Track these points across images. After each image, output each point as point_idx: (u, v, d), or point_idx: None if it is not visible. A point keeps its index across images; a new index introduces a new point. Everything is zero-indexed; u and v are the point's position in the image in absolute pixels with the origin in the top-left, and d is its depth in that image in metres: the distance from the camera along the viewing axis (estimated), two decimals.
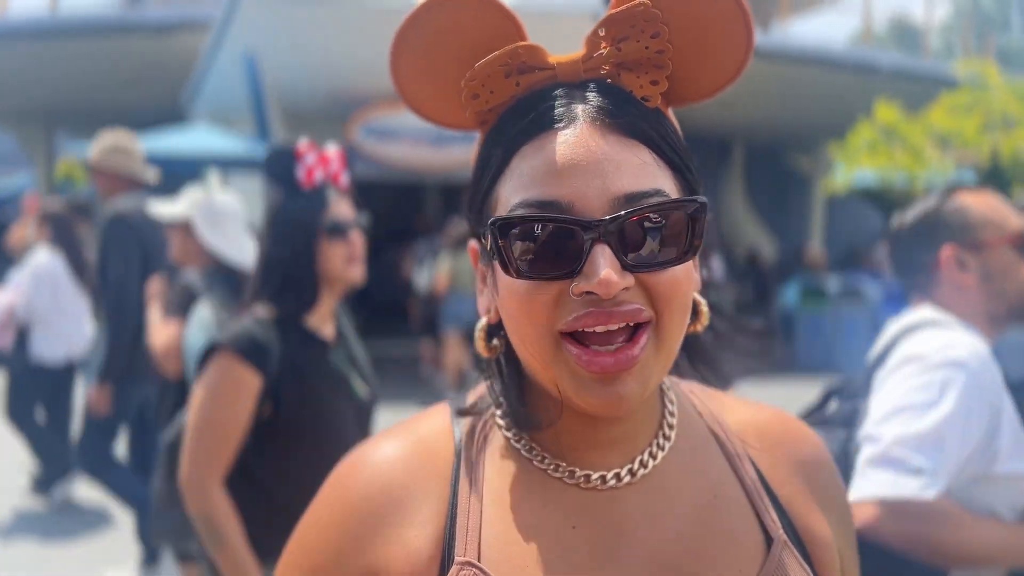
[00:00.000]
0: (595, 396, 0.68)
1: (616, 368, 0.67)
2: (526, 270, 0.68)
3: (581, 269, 0.66)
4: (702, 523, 0.76)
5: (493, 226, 0.68)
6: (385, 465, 0.77)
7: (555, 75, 0.73)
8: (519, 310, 0.69)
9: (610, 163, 0.68)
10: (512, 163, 0.71)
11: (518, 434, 0.78)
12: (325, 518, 0.77)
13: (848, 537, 0.85)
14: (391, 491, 0.76)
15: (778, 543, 0.76)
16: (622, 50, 0.71)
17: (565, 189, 0.68)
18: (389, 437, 0.81)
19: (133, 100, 13.69)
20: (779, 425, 0.86)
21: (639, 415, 0.78)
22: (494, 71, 0.72)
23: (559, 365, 0.69)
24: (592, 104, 0.71)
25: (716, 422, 0.85)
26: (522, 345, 0.72)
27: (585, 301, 0.67)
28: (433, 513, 0.74)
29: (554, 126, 0.70)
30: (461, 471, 0.76)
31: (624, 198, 0.67)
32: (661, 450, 0.79)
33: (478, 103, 0.73)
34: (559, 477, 0.76)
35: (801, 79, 13.47)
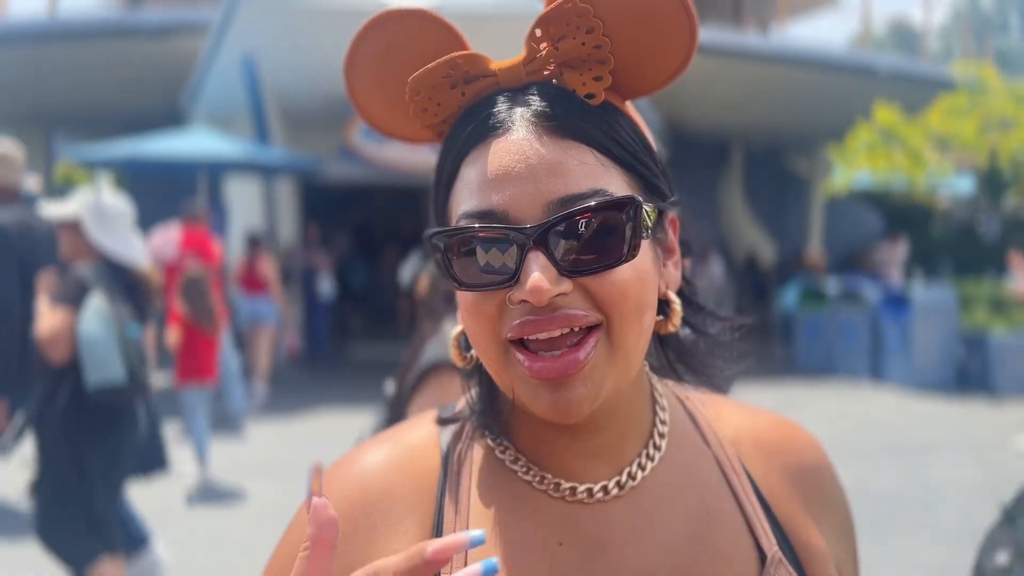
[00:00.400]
0: (545, 402, 0.67)
1: (560, 373, 0.66)
2: (467, 281, 0.68)
3: (518, 277, 0.66)
4: (693, 539, 0.74)
5: (431, 240, 0.69)
6: (370, 474, 0.76)
7: (497, 81, 0.72)
8: (469, 319, 0.70)
9: (544, 167, 0.67)
10: (460, 173, 0.72)
11: (503, 445, 0.77)
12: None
13: (847, 547, 0.83)
14: (376, 502, 0.75)
15: (772, 560, 0.74)
16: (560, 49, 0.70)
17: (500, 198, 0.67)
18: (375, 445, 0.80)
19: (132, 103, 13.70)
20: (777, 432, 0.84)
21: (622, 424, 0.76)
22: (438, 83, 0.72)
23: (510, 372, 0.69)
24: (532, 108, 0.70)
25: (711, 430, 0.82)
26: (479, 353, 0.72)
27: (523, 309, 0.67)
28: (418, 526, 0.73)
29: (493, 134, 0.70)
30: (447, 484, 0.76)
31: (558, 202, 0.66)
32: (651, 461, 0.77)
33: (427, 116, 0.73)
34: (544, 490, 0.75)
35: (800, 81, 13.48)
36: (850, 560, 0.83)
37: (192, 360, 6.09)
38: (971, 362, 9.60)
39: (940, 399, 8.93)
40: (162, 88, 12.25)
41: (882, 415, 8.38)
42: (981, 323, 9.67)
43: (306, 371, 10.58)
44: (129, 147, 9.66)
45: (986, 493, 5.76)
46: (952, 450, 6.93)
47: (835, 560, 0.80)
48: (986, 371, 9.32)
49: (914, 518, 5.17)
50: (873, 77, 12.89)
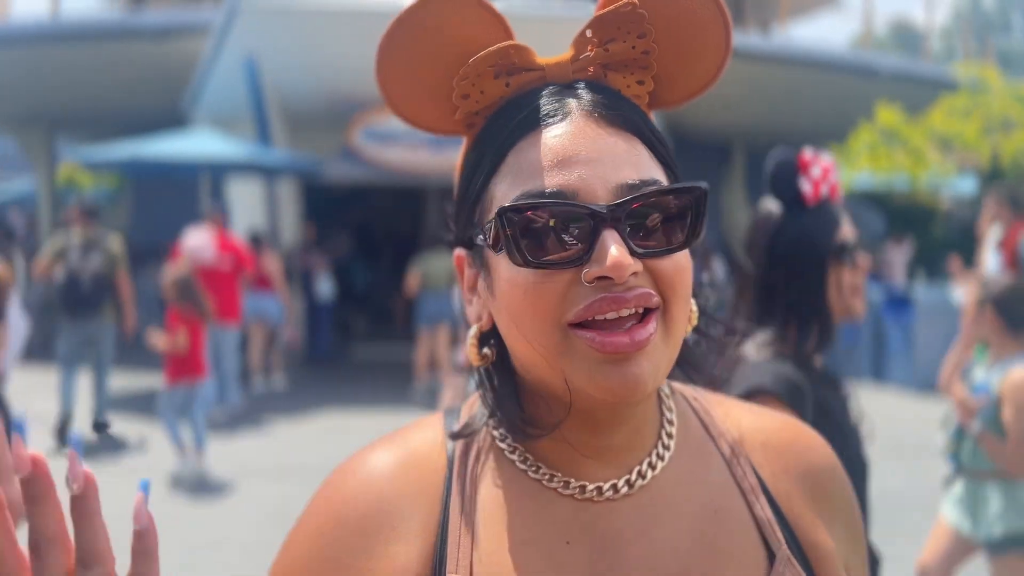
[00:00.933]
0: (610, 379, 0.66)
1: (632, 347, 0.66)
2: (535, 259, 0.67)
3: (591, 256, 0.66)
4: (701, 538, 0.74)
5: (500, 216, 0.67)
6: (375, 477, 0.76)
7: (544, 76, 0.73)
8: (525, 303, 0.68)
9: (610, 153, 0.69)
10: (507, 160, 0.71)
11: (512, 444, 0.77)
12: (312, 528, 0.76)
13: (856, 548, 0.83)
14: (380, 504, 0.74)
15: (780, 560, 0.74)
16: (609, 51, 0.72)
17: (568, 179, 0.68)
18: (380, 447, 0.80)
19: (134, 104, 13.71)
20: (785, 433, 0.84)
21: (638, 421, 0.76)
22: (484, 71, 0.72)
23: (569, 356, 0.67)
24: (584, 99, 0.72)
25: (718, 430, 0.82)
26: (525, 342, 0.70)
27: (596, 288, 0.66)
28: (423, 528, 0.73)
29: (549, 120, 0.70)
30: (453, 484, 0.75)
31: (627, 186, 0.68)
32: (660, 460, 0.77)
33: (468, 104, 0.74)
34: (554, 488, 0.74)
35: (801, 82, 13.47)
36: (859, 561, 0.83)
37: (190, 358, 6.15)
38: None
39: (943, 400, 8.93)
40: (164, 89, 12.26)
41: (884, 416, 8.37)
42: None
43: (308, 372, 10.58)
44: (131, 148, 9.68)
45: None
46: None
47: (844, 560, 0.80)
48: None
49: (916, 518, 5.16)
50: (875, 77, 12.88)
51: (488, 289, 0.74)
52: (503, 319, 0.72)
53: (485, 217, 0.72)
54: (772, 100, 14.30)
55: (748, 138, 17.58)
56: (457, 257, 0.79)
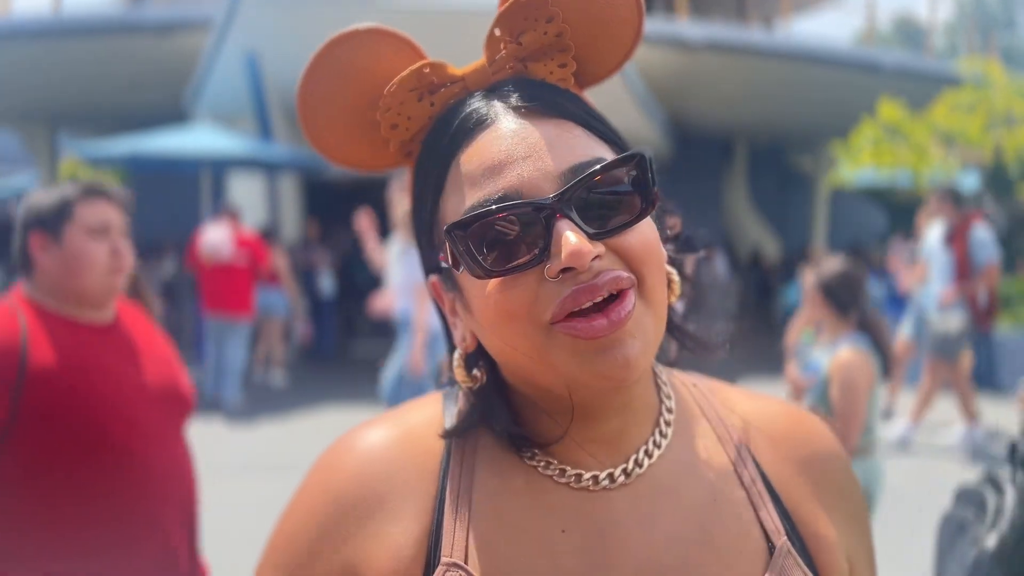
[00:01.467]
0: (600, 365, 0.65)
1: (611, 328, 0.64)
2: (495, 267, 0.66)
3: (549, 251, 0.65)
4: (699, 528, 0.72)
5: (448, 234, 0.67)
6: (371, 455, 0.76)
7: (465, 86, 0.73)
8: (498, 312, 0.67)
9: (545, 144, 0.68)
10: (448, 178, 0.71)
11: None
12: (307, 506, 0.76)
13: (860, 536, 0.81)
14: (375, 484, 0.74)
15: (780, 551, 0.73)
16: (522, 44, 0.71)
17: (510, 180, 0.67)
18: (377, 424, 0.79)
19: (135, 100, 13.70)
20: (786, 419, 0.82)
21: (634, 406, 0.75)
22: (405, 97, 0.72)
23: (554, 351, 0.66)
24: (510, 97, 0.71)
25: (718, 418, 0.81)
26: (509, 350, 0.69)
27: (564, 281, 0.65)
28: (419, 510, 0.72)
29: (479, 128, 0.70)
30: (450, 467, 0.75)
31: (569, 172, 0.67)
32: (657, 448, 0.76)
33: (399, 133, 0.73)
34: (550, 475, 0.74)
35: (804, 78, 13.44)
36: (863, 550, 0.81)
37: None
38: (976, 359, 9.57)
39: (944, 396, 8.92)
40: (166, 85, 12.26)
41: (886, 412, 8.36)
42: None
43: (310, 368, 10.59)
44: (133, 144, 9.67)
45: None
46: (956, 447, 6.92)
47: (846, 550, 0.78)
48: (991, 368, 9.30)
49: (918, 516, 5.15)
50: (878, 73, 12.85)
51: (465, 309, 0.73)
52: (485, 334, 0.71)
53: (442, 239, 0.71)
54: (774, 96, 14.28)
55: (750, 134, 17.56)
56: (432, 284, 0.78)
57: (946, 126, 10.64)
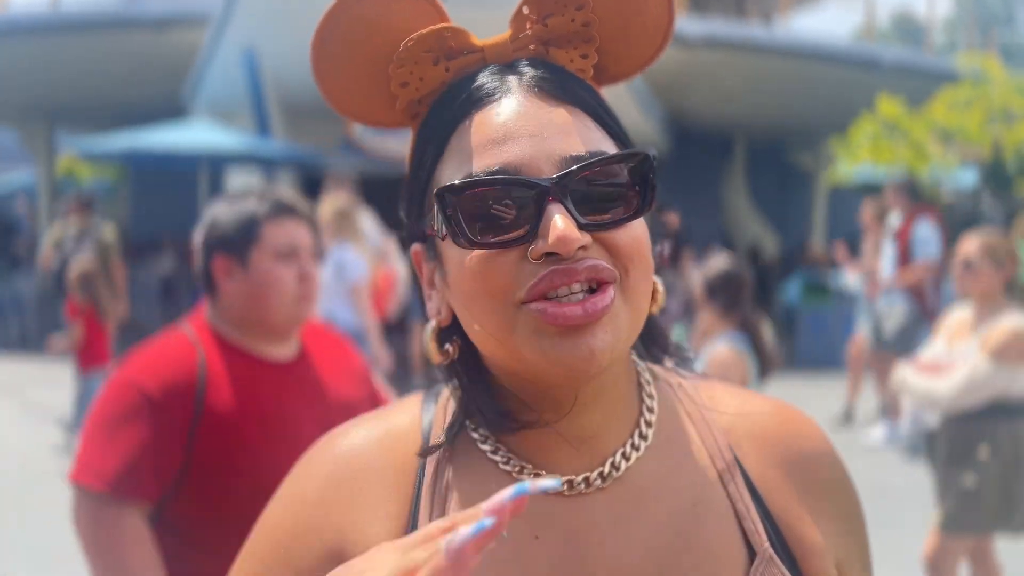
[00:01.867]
0: (564, 352, 0.64)
1: (585, 318, 0.63)
2: (480, 239, 0.65)
3: (536, 232, 0.64)
4: (678, 534, 0.71)
5: (439, 197, 0.65)
6: (355, 451, 0.76)
7: (483, 57, 0.72)
8: (475, 284, 0.66)
9: (553, 127, 0.67)
10: (450, 144, 0.69)
11: (484, 434, 0.75)
12: (287, 499, 0.76)
13: (852, 538, 0.78)
14: (352, 477, 0.74)
15: (762, 558, 0.71)
16: (548, 26, 0.70)
17: (511, 155, 0.66)
18: (359, 424, 0.79)
19: (134, 95, 13.66)
20: (774, 420, 0.80)
21: (611, 404, 0.73)
22: (421, 58, 0.70)
23: (520, 332, 0.65)
24: (527, 75, 0.70)
25: (702, 419, 0.79)
26: (479, 324, 0.68)
27: (544, 265, 0.64)
28: (395, 511, 0.72)
29: (490, 99, 0.69)
30: (427, 470, 0.74)
31: (571, 159, 0.66)
32: (636, 450, 0.74)
33: (408, 92, 0.71)
34: (523, 480, 0.71)
35: (803, 74, 13.42)
36: (856, 551, 0.78)
37: (96, 348, 6.38)
38: None
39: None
40: (163, 80, 12.22)
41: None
42: None
43: None
44: (130, 140, 9.66)
45: None
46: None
47: (836, 554, 0.76)
48: None
49: (918, 512, 5.15)
50: (877, 69, 12.83)
51: (443, 279, 0.72)
52: (458, 306, 0.70)
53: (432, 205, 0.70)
54: (774, 92, 14.25)
55: (749, 131, 17.54)
56: (414, 253, 0.76)
57: (945, 123, 10.63)
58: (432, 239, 0.72)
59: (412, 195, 0.74)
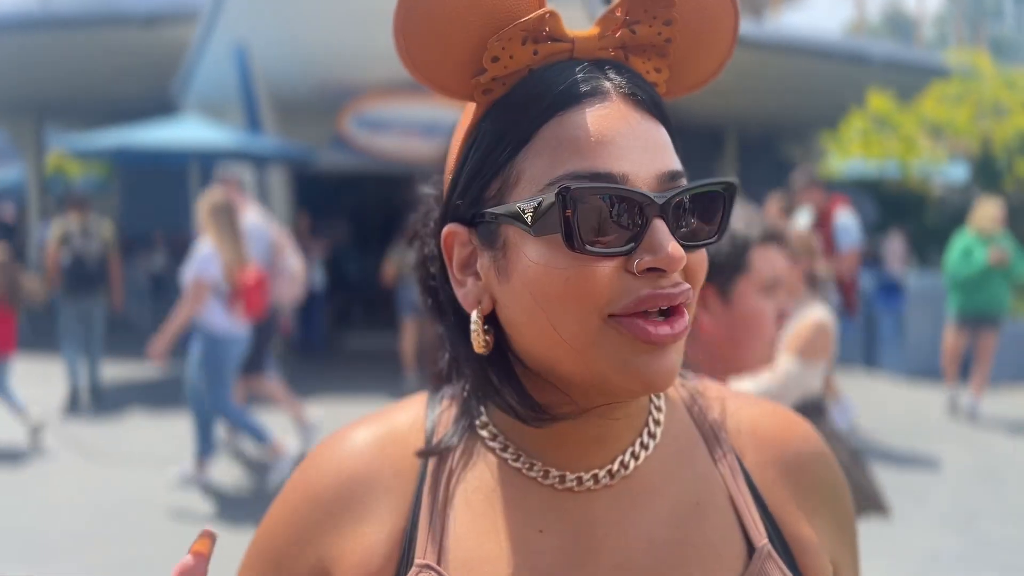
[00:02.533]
0: (647, 368, 0.65)
1: (673, 338, 0.65)
2: (592, 244, 0.64)
3: (640, 245, 0.64)
4: (680, 530, 0.73)
5: (563, 195, 0.63)
6: (351, 455, 0.76)
7: (571, 49, 0.70)
8: (566, 290, 0.65)
9: (651, 140, 0.68)
10: (541, 135, 0.67)
11: (494, 431, 0.76)
12: (287, 505, 0.77)
13: (845, 539, 0.81)
14: (352, 485, 0.74)
15: (760, 553, 0.72)
16: (636, 33, 0.70)
17: (618, 162, 0.65)
18: (361, 426, 0.80)
19: (123, 91, 13.60)
20: (773, 423, 0.82)
21: (629, 408, 0.74)
22: (515, 34, 0.68)
23: (604, 345, 0.65)
24: (619, 81, 0.69)
25: (704, 419, 0.81)
26: (554, 330, 0.66)
27: (643, 279, 0.65)
28: (394, 510, 0.73)
29: (588, 99, 0.67)
30: (428, 468, 0.74)
31: (668, 175, 0.67)
32: (645, 449, 0.75)
33: (497, 67, 0.69)
34: (533, 476, 0.73)
35: (794, 69, 13.45)
36: (848, 553, 0.81)
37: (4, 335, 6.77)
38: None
39: (933, 385, 8.97)
40: (153, 76, 12.17)
41: (876, 402, 8.41)
42: None
43: (300, 361, 10.57)
44: (120, 136, 9.61)
45: (978, 479, 5.78)
46: (945, 436, 6.97)
47: (831, 553, 0.78)
48: None
49: (908, 503, 5.19)
50: (867, 64, 12.87)
51: (500, 271, 0.69)
52: (524, 304, 0.67)
53: (510, 193, 0.68)
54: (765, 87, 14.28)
55: (741, 125, 17.58)
56: (448, 234, 0.73)
57: (934, 117, 10.67)
58: (489, 225, 0.70)
59: (474, 176, 0.71)
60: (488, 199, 0.70)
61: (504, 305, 0.70)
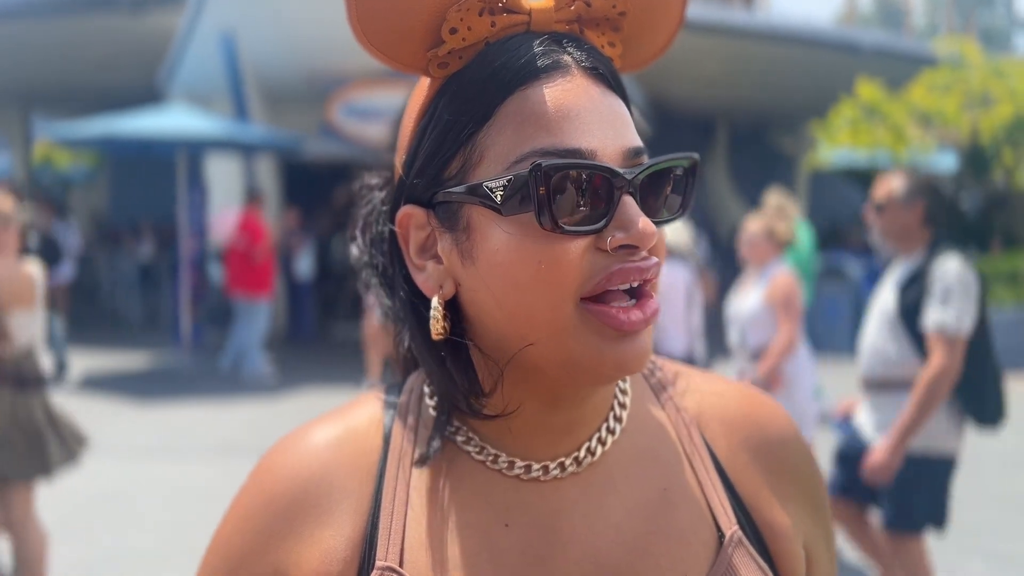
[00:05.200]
0: (621, 353, 0.64)
1: (644, 323, 0.64)
2: (566, 222, 0.62)
3: (609, 222, 0.63)
4: (648, 518, 0.71)
5: (535, 172, 0.61)
6: (307, 456, 0.73)
7: (528, 21, 0.68)
8: (539, 272, 0.62)
9: (614, 115, 0.66)
10: (503, 111, 0.65)
11: (454, 426, 0.73)
12: (242, 510, 0.74)
13: (817, 523, 0.79)
14: (309, 487, 0.71)
15: (730, 540, 0.71)
16: (591, 6, 0.69)
17: (585, 138, 0.64)
18: (317, 425, 0.76)
19: (110, 80, 13.51)
20: (742, 406, 0.80)
21: (598, 396, 0.72)
22: (472, 5, 0.66)
23: (578, 332, 0.63)
24: (578, 55, 0.68)
25: (673, 404, 0.79)
26: (525, 314, 0.64)
27: (614, 257, 0.63)
28: (353, 512, 0.70)
29: (549, 73, 0.66)
30: (388, 466, 0.72)
31: (632, 151, 0.66)
32: (611, 435, 0.73)
33: (455, 40, 0.67)
34: (497, 469, 0.71)
35: (785, 58, 13.47)
36: (821, 535, 0.80)
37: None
38: None
39: None
40: (140, 65, 12.08)
41: None
42: None
43: (289, 351, 10.55)
44: (107, 125, 9.54)
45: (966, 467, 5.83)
46: None
47: (803, 536, 0.77)
48: None
49: None
50: (856, 53, 12.89)
51: (464, 254, 0.66)
52: (493, 288, 0.65)
53: (472, 172, 0.65)
54: (755, 77, 14.29)
55: (731, 115, 17.59)
56: (403, 216, 0.70)
57: (924, 106, 10.70)
58: (448, 206, 0.67)
59: (431, 155, 0.68)
60: (448, 179, 0.67)
61: (469, 289, 0.67)
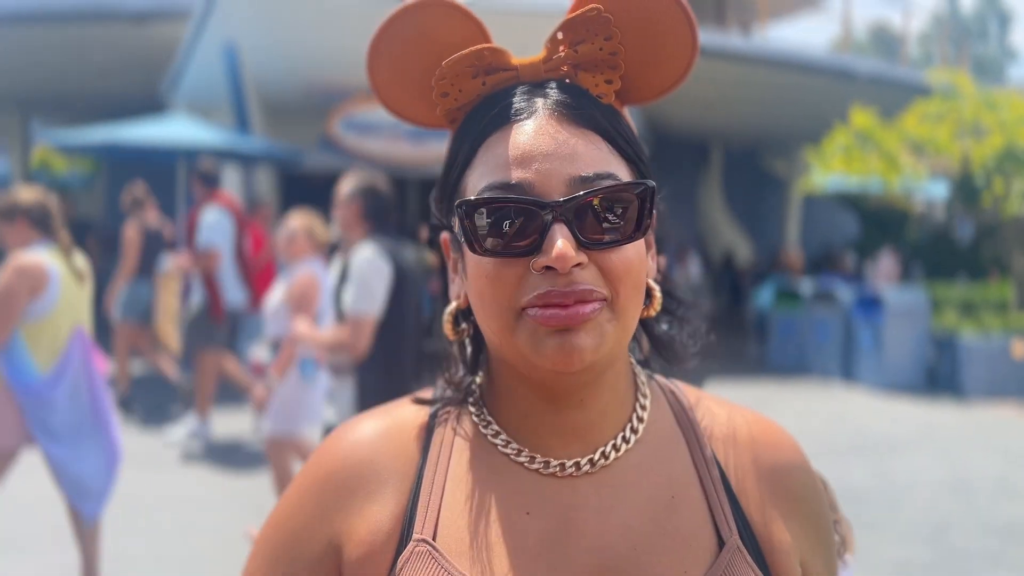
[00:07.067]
0: (551, 349, 0.73)
1: (568, 320, 0.72)
2: (491, 248, 0.74)
3: (541, 247, 0.72)
4: (654, 520, 0.79)
5: (459, 208, 0.74)
6: (359, 443, 0.84)
7: (517, 76, 0.80)
8: (486, 287, 0.75)
9: (567, 148, 0.75)
10: (478, 154, 0.78)
11: (486, 420, 0.83)
12: (303, 486, 0.84)
13: (818, 546, 0.85)
14: (360, 468, 0.82)
15: (729, 547, 0.78)
16: (578, 52, 0.78)
17: (526, 173, 0.74)
18: (369, 416, 0.88)
19: (110, 88, 13.54)
20: (753, 428, 0.87)
21: (603, 403, 0.81)
22: (461, 71, 0.78)
23: (519, 331, 0.74)
24: (551, 98, 0.77)
25: (689, 422, 0.87)
26: (487, 321, 0.77)
27: (545, 278, 0.72)
28: (397, 492, 0.80)
29: (517, 117, 0.77)
30: (429, 454, 0.82)
31: (579, 180, 0.73)
32: (626, 443, 0.82)
33: (448, 101, 0.80)
34: (521, 462, 0.80)
35: (780, 83, 13.58)
36: (819, 557, 0.85)
37: None
38: (940, 364, 9.75)
39: (909, 399, 9.08)
40: (142, 74, 12.13)
41: (852, 414, 8.51)
42: (951, 326, 9.82)
43: None
44: (108, 133, 9.57)
45: (950, 491, 5.87)
46: (919, 449, 7.06)
47: (802, 554, 0.83)
48: (955, 373, 9.47)
49: (881, 514, 5.27)
50: (852, 80, 13.02)
51: (463, 272, 0.81)
52: (473, 299, 0.78)
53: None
54: (751, 101, 14.41)
55: (726, 138, 17.71)
56: (444, 240, 0.87)
57: (916, 135, 10.82)
58: (455, 233, 0.81)
59: (443, 191, 0.84)
60: (452, 212, 0.80)
61: (470, 299, 0.80)
